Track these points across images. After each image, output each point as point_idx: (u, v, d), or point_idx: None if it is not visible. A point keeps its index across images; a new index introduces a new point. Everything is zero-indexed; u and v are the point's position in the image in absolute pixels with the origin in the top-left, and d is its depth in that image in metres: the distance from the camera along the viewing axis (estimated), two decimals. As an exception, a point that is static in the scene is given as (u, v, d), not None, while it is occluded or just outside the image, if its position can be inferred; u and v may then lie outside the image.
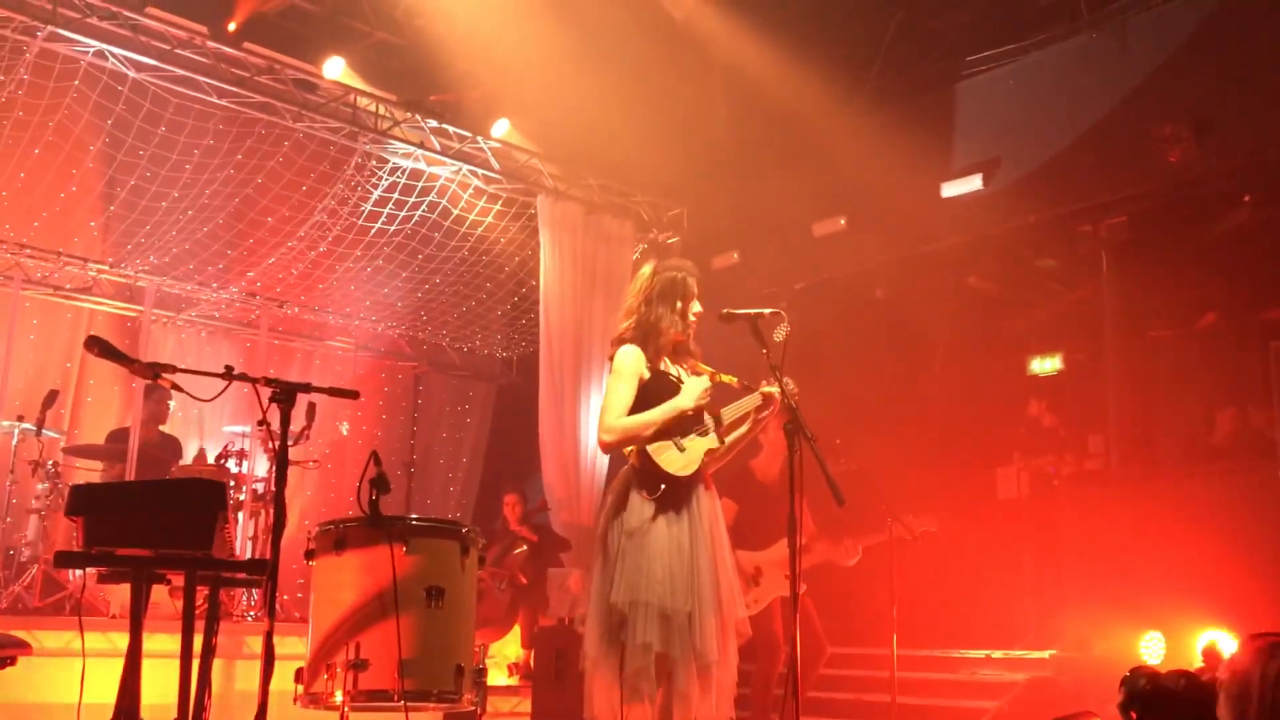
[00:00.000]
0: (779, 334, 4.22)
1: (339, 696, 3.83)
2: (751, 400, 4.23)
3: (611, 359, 4.29)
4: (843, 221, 8.58)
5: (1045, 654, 6.94)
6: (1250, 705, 1.80)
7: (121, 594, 6.57)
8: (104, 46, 6.86)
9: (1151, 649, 6.16)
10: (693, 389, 4.19)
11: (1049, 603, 7.34)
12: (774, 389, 4.15)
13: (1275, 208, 7.04)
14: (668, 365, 4.30)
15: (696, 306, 4.31)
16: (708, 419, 4.25)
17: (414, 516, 4.30)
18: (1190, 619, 5.72)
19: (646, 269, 4.37)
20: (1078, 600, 6.83)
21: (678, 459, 4.15)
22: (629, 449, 4.22)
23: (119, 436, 8.29)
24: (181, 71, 7.13)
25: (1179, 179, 6.96)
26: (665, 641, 3.93)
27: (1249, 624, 5.65)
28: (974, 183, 7.80)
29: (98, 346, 3.51)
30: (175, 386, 3.56)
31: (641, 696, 3.92)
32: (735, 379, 4.29)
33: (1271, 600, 5.59)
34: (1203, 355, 7.99)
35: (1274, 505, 5.81)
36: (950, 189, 7.91)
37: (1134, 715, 2.31)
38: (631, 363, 4.22)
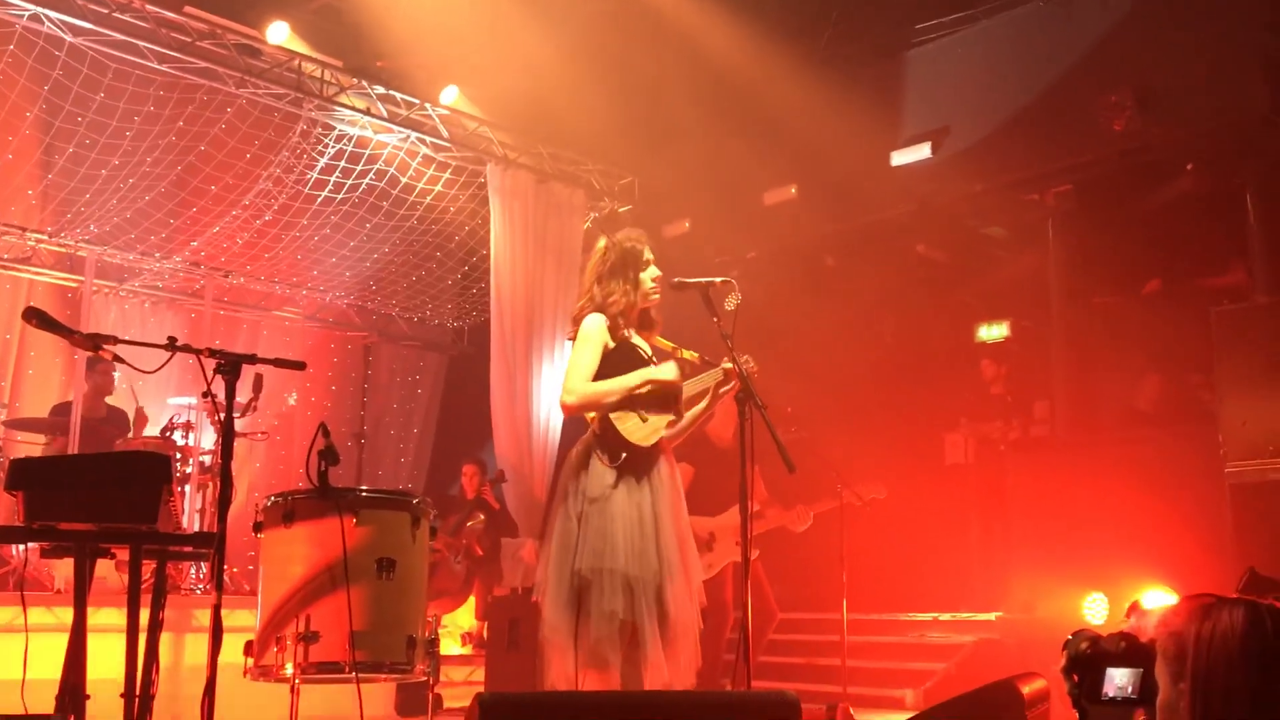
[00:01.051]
0: (730, 303, 4.23)
1: (290, 669, 3.81)
2: (712, 375, 4.24)
3: (575, 328, 4.28)
4: (793, 190, 8.60)
5: (991, 616, 7.06)
6: (1186, 665, 1.84)
7: (66, 568, 6.48)
8: (40, 10, 6.67)
9: (1094, 610, 6.29)
10: (669, 370, 4.20)
11: (995, 566, 7.46)
12: (747, 363, 4.16)
13: (1217, 177, 7.15)
14: (633, 335, 4.30)
15: (653, 271, 4.30)
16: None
17: (364, 488, 4.27)
18: (1132, 580, 5.83)
19: (600, 245, 4.36)
20: (1023, 563, 6.95)
21: (640, 428, 4.16)
22: (591, 415, 4.22)
23: (63, 410, 8.15)
24: (120, 36, 6.96)
25: (1123, 148, 7.04)
26: (629, 609, 3.94)
27: (1189, 583, 5.78)
28: (923, 151, 7.84)
29: (36, 318, 3.44)
30: (117, 358, 3.50)
31: (604, 664, 3.93)
32: (696, 355, 4.30)
33: (1210, 560, 5.72)
34: (1146, 322, 8.12)
35: (1213, 468, 5.93)
36: (900, 157, 7.95)
37: (1075, 678, 2.35)
38: (596, 330, 4.21)
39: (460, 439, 10.76)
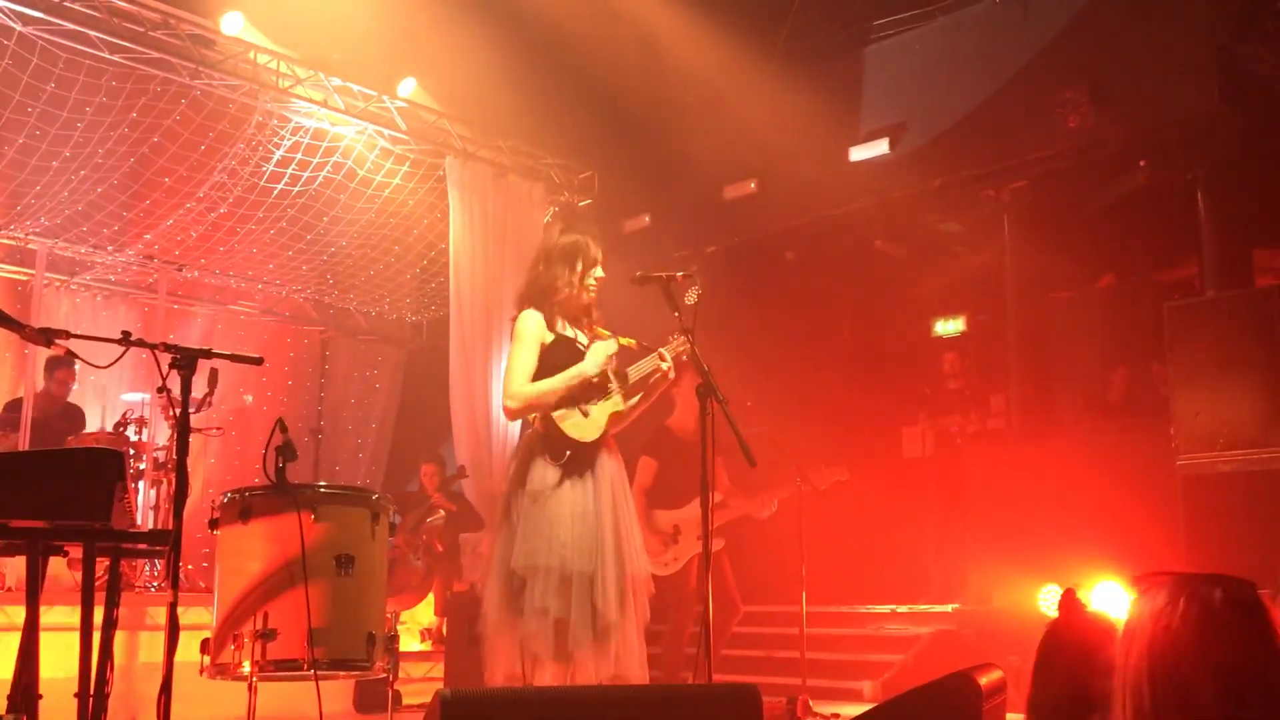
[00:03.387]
0: (691, 297, 4.24)
1: (247, 667, 3.77)
2: (653, 360, 4.26)
3: (517, 310, 4.29)
4: (753, 185, 8.63)
5: (949, 608, 7.13)
6: (1136, 643, 1.85)
7: (17, 566, 6.37)
8: (-13, -2, 6.56)
9: (1049, 601, 6.36)
10: (597, 355, 4.22)
11: (953, 558, 7.54)
12: (679, 346, 4.18)
13: (1169, 172, 7.25)
14: (567, 328, 4.30)
15: (598, 272, 4.33)
16: (612, 380, 4.27)
17: (323, 484, 4.25)
18: (1087, 571, 5.90)
19: (555, 230, 4.39)
20: (980, 555, 7.03)
21: (582, 424, 4.16)
22: (534, 415, 4.22)
23: (16, 407, 7.99)
24: (72, 25, 6.84)
25: (1078, 144, 7.13)
26: (564, 606, 3.94)
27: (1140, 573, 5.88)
28: (881, 147, 7.90)
29: (-14, 312, 3.38)
30: (70, 353, 3.45)
31: (540, 660, 3.94)
32: (634, 341, 4.32)
33: (1164, 551, 5.80)
34: (1100, 316, 8.23)
35: (1166, 459, 6.02)
36: (858, 153, 8.00)
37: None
38: (532, 328, 4.23)
39: (419, 434, 10.70)
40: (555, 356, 4.22)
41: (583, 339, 4.33)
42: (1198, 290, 7.02)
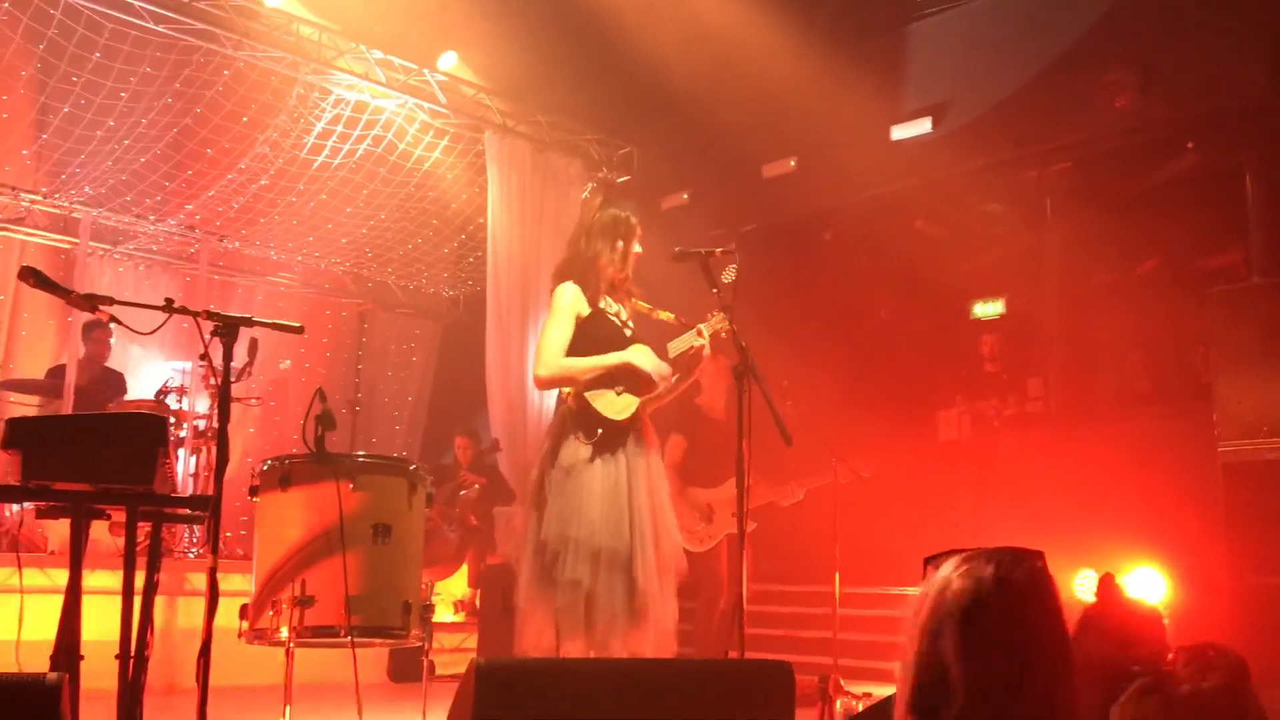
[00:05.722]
0: (728, 275, 4.23)
1: (285, 632, 3.82)
2: (690, 337, 4.24)
3: (555, 284, 4.30)
4: (792, 163, 8.57)
5: (982, 591, 7.08)
6: (910, 617, 1.81)
7: (60, 530, 6.48)
8: (35, -33, 6.62)
9: (1085, 586, 6.32)
10: (648, 360, 4.19)
11: (987, 542, 7.42)
12: (718, 324, 4.16)
13: (1218, 155, 7.13)
14: (608, 304, 4.29)
15: (637, 247, 4.32)
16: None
17: (361, 453, 4.27)
18: (1123, 557, 5.86)
19: (594, 204, 4.38)
20: (1015, 539, 6.91)
21: (614, 403, 4.16)
22: (567, 390, 4.23)
23: (60, 373, 8.11)
24: (117, -5, 6.91)
25: (1123, 126, 7.02)
26: (595, 578, 3.96)
27: (1180, 561, 5.83)
28: (923, 126, 7.82)
29: (33, 277, 3.42)
30: (114, 319, 3.48)
31: (572, 633, 3.96)
32: (672, 316, 4.31)
33: (1202, 538, 5.75)
34: (1141, 301, 8.12)
35: (1206, 447, 5.95)
36: (900, 132, 7.92)
37: None
38: (569, 300, 4.22)
39: (455, 407, 10.75)
40: (592, 331, 4.22)
41: (623, 314, 4.32)
42: (1243, 276, 6.90)
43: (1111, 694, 2.17)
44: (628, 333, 4.32)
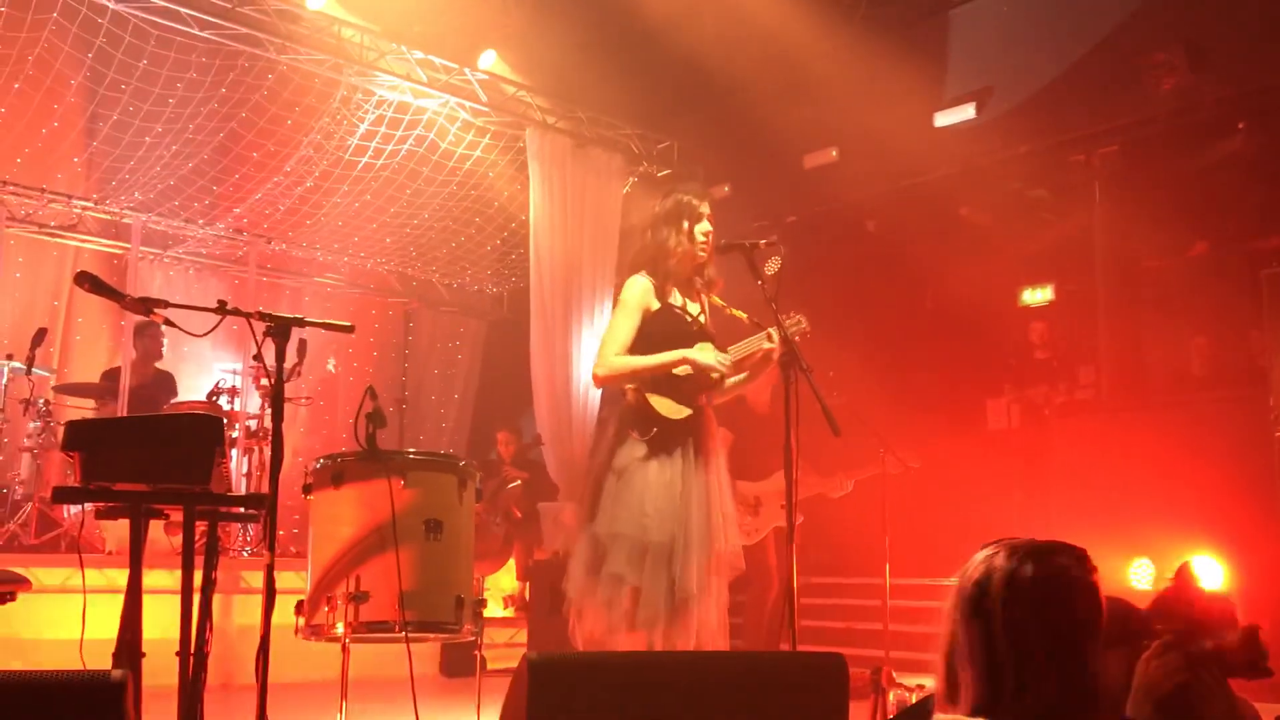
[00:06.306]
0: (771, 266, 4.21)
1: (340, 628, 3.86)
2: (759, 339, 4.19)
3: (624, 276, 4.27)
4: (834, 153, 8.52)
5: (1034, 581, 7.01)
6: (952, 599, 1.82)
7: (118, 530, 6.60)
8: (83, -23, 6.72)
9: (1140, 575, 6.25)
10: (709, 356, 4.14)
11: (1038, 531, 7.36)
12: (791, 326, 4.13)
13: (1269, 135, 7.01)
14: (678, 297, 4.25)
15: (705, 226, 4.26)
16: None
17: (412, 450, 4.31)
18: (1178, 545, 5.78)
19: (658, 197, 4.36)
20: (1067, 529, 6.89)
21: (673, 403, 4.13)
22: (628, 386, 4.20)
23: (114, 375, 8.25)
24: (162, 3, 6.98)
25: (1172, 107, 6.92)
26: (640, 575, 3.95)
27: (1236, 549, 5.73)
28: (967, 112, 7.74)
29: (89, 282, 3.47)
30: (168, 322, 3.53)
31: (617, 627, 3.96)
32: (745, 315, 4.26)
33: (1259, 526, 5.66)
34: (1193, 285, 8.00)
35: (1262, 432, 5.85)
36: (943, 118, 7.84)
37: None
38: (637, 294, 4.18)
39: (500, 404, 10.81)
40: (659, 326, 4.17)
41: (692, 309, 4.26)
42: (1297, 257, 6.79)
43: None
44: (695, 329, 4.24)
